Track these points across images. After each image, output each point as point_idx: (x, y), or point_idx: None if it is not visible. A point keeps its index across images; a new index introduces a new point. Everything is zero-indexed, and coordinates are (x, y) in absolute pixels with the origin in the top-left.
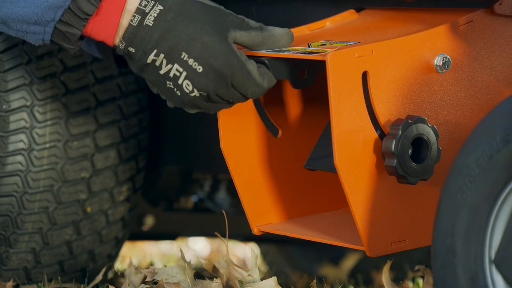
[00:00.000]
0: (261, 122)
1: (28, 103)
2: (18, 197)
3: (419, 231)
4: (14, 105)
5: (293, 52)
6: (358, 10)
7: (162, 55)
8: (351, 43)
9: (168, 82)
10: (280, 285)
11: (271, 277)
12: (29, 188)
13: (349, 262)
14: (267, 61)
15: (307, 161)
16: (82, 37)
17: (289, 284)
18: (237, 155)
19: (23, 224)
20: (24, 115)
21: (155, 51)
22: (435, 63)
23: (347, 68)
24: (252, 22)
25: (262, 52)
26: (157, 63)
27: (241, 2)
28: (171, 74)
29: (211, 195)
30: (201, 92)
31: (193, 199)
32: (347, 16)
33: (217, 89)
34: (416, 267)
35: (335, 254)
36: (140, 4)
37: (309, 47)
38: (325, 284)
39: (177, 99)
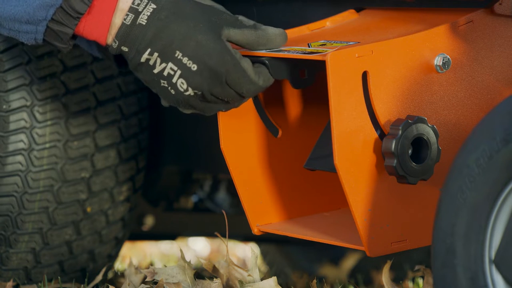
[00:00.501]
0: (261, 122)
1: (28, 103)
2: (18, 197)
3: (419, 231)
4: (14, 105)
5: (293, 52)
6: (358, 10)
7: (156, 54)
8: (351, 43)
9: (162, 81)
10: (280, 285)
11: (271, 277)
12: (29, 188)
13: (349, 262)
14: (267, 61)
15: (307, 161)
16: (74, 37)
17: (289, 284)
18: (237, 155)
19: (23, 224)
20: (24, 115)
21: (149, 50)
22: (435, 63)
23: (347, 68)
24: (246, 21)
25: (262, 52)
26: (151, 62)
27: (241, 2)
28: (165, 73)
29: (211, 195)
30: (196, 91)
31: (193, 199)
32: (347, 16)
33: (212, 87)
34: (416, 267)
35: (335, 254)
36: (133, 3)
37: (309, 47)
38: (325, 284)
39: (172, 98)
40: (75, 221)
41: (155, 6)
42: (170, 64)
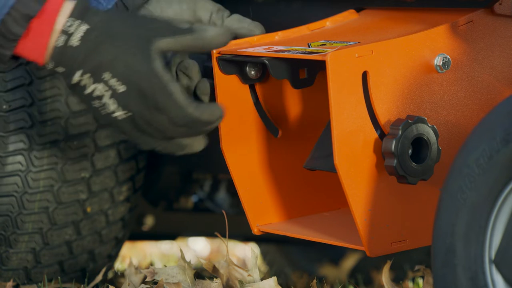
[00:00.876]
0: (261, 122)
1: (28, 103)
2: (18, 197)
3: (419, 231)
4: (14, 105)
5: (293, 52)
6: (358, 10)
7: (87, 75)
8: (351, 43)
9: (94, 102)
10: (280, 285)
11: (271, 277)
12: (29, 188)
13: (349, 262)
14: (267, 61)
15: (307, 161)
16: (15, 57)
17: (289, 284)
18: (237, 155)
19: (23, 224)
20: (24, 115)
21: (80, 71)
22: (435, 63)
23: (347, 68)
24: (182, 24)
25: (262, 52)
26: (83, 83)
27: (241, 2)
28: (96, 94)
29: (211, 195)
30: (126, 112)
31: (193, 199)
32: (347, 16)
33: (142, 110)
34: (416, 267)
35: (335, 254)
36: (65, 25)
37: (309, 47)
38: (325, 284)
39: (103, 119)
40: (75, 221)
41: (88, 27)
42: (101, 85)
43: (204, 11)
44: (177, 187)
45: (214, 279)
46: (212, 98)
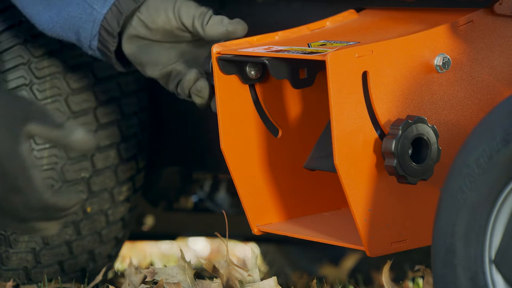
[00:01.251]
0: (261, 122)
1: None
2: None
3: (419, 231)
4: None
5: (293, 52)
6: (358, 10)
7: None
8: (351, 43)
9: None
10: (280, 285)
11: (271, 277)
12: None
13: (349, 262)
14: (267, 61)
15: (307, 161)
16: None
17: (289, 284)
18: (237, 155)
19: None
20: None
21: None
22: (435, 63)
23: (347, 68)
24: (56, 116)
25: (262, 52)
26: None
27: (241, 2)
28: None
29: (211, 195)
30: None
31: (193, 199)
32: (347, 16)
33: (1, 192)
34: (416, 267)
35: (335, 254)
36: None
37: (309, 47)
38: (325, 284)
39: None
40: (75, 221)
41: None
42: None
43: (187, 17)
44: (177, 187)
45: (214, 279)
46: None
